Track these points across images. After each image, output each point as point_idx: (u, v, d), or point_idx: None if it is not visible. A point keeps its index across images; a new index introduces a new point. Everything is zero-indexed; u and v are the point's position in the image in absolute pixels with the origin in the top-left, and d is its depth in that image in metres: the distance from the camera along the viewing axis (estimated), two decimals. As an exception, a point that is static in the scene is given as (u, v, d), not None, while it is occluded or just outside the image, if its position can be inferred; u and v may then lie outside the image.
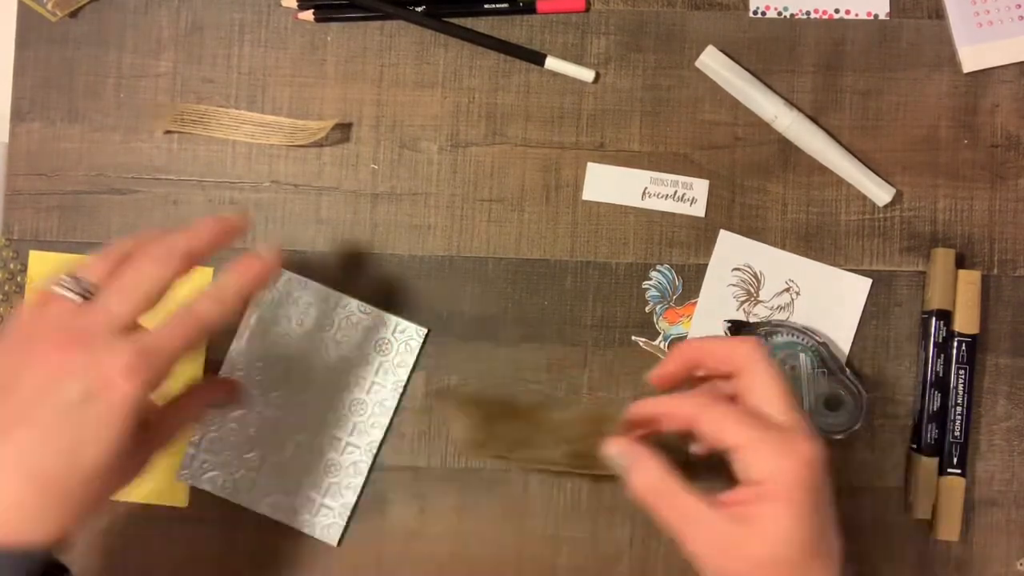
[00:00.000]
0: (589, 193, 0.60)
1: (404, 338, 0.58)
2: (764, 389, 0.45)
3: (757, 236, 0.60)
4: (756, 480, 0.43)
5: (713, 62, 0.60)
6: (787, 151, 0.60)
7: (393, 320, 0.58)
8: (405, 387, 0.58)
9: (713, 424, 0.44)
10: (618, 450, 0.47)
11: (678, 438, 0.48)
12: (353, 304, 0.58)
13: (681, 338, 0.60)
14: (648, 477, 0.45)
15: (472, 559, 0.58)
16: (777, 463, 0.42)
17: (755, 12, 0.61)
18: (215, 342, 0.59)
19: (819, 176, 0.60)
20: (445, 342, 0.59)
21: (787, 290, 0.60)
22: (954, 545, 0.59)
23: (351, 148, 0.61)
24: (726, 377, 0.47)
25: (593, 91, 0.61)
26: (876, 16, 0.61)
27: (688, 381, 0.50)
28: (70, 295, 0.42)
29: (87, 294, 0.43)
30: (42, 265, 0.60)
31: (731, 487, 0.44)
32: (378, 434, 0.58)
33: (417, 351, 0.58)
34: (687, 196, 0.60)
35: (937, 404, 0.58)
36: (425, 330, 0.59)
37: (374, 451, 0.58)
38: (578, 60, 0.61)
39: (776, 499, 0.42)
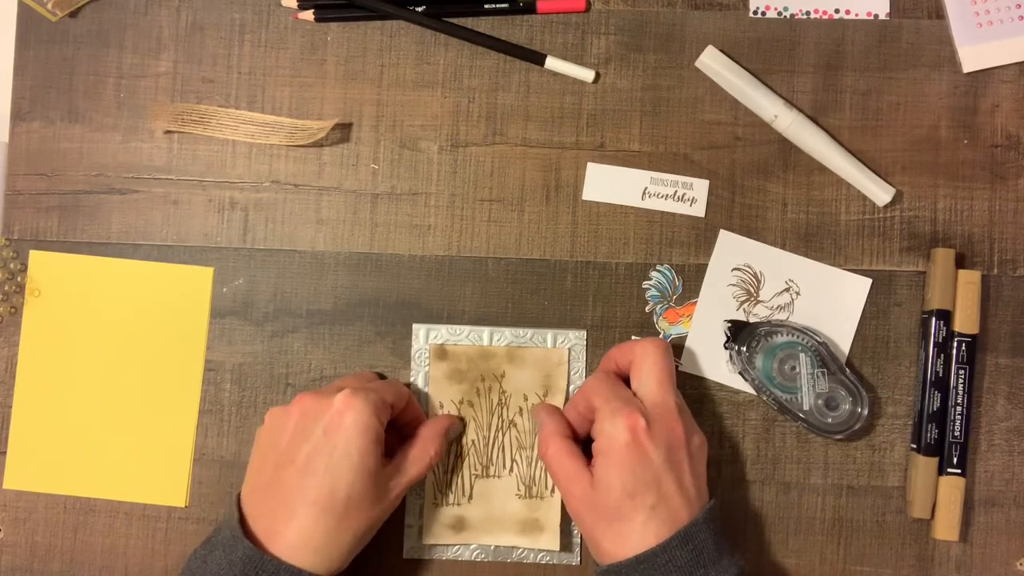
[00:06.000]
0: (589, 193, 0.60)
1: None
2: (644, 374, 0.54)
3: (757, 236, 0.60)
4: (595, 435, 0.52)
5: (713, 62, 0.60)
6: (787, 151, 0.60)
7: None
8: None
9: (587, 390, 0.54)
10: (534, 412, 0.58)
11: None
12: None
13: (681, 338, 0.60)
14: (545, 436, 0.54)
15: None
16: (607, 425, 0.51)
17: (755, 12, 0.61)
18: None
19: (819, 176, 0.60)
20: (445, 342, 0.59)
21: (787, 290, 0.60)
22: (954, 545, 0.59)
23: (351, 148, 0.61)
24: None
25: (593, 91, 0.61)
26: (876, 16, 0.61)
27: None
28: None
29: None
30: (42, 265, 0.60)
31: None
32: None
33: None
34: (687, 196, 0.60)
35: (937, 404, 0.58)
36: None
37: None
38: (578, 60, 0.61)
39: (603, 454, 0.51)
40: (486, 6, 0.60)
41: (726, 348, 0.59)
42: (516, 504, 0.58)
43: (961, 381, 0.58)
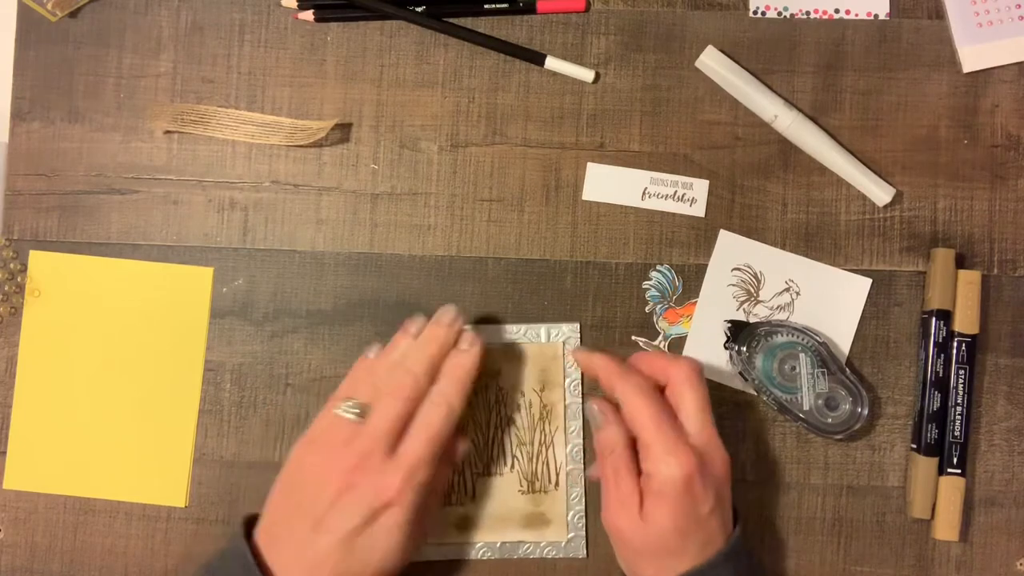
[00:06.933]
0: (589, 193, 0.60)
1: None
2: (686, 407, 0.52)
3: (757, 236, 0.60)
4: (648, 472, 0.51)
5: (713, 62, 0.60)
6: (787, 151, 0.60)
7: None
8: None
9: (632, 410, 0.52)
10: (596, 408, 0.55)
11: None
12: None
13: (681, 338, 0.60)
14: (609, 442, 0.53)
15: None
16: (663, 467, 0.50)
17: (755, 12, 0.61)
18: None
19: (819, 176, 0.60)
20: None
21: (787, 290, 0.60)
22: (954, 545, 0.59)
23: (351, 148, 0.61)
24: (661, 386, 0.54)
25: (593, 91, 0.61)
26: (876, 16, 0.61)
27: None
28: (350, 416, 0.51)
29: (361, 414, 0.52)
30: (42, 265, 0.60)
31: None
32: None
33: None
34: (687, 196, 0.60)
35: (937, 404, 0.58)
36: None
37: None
38: (578, 60, 0.61)
39: (657, 495, 0.50)
40: (486, 6, 0.60)
41: (726, 348, 0.59)
42: (519, 500, 0.58)
43: (961, 381, 0.58)
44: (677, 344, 0.60)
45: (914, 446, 0.59)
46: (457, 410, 0.53)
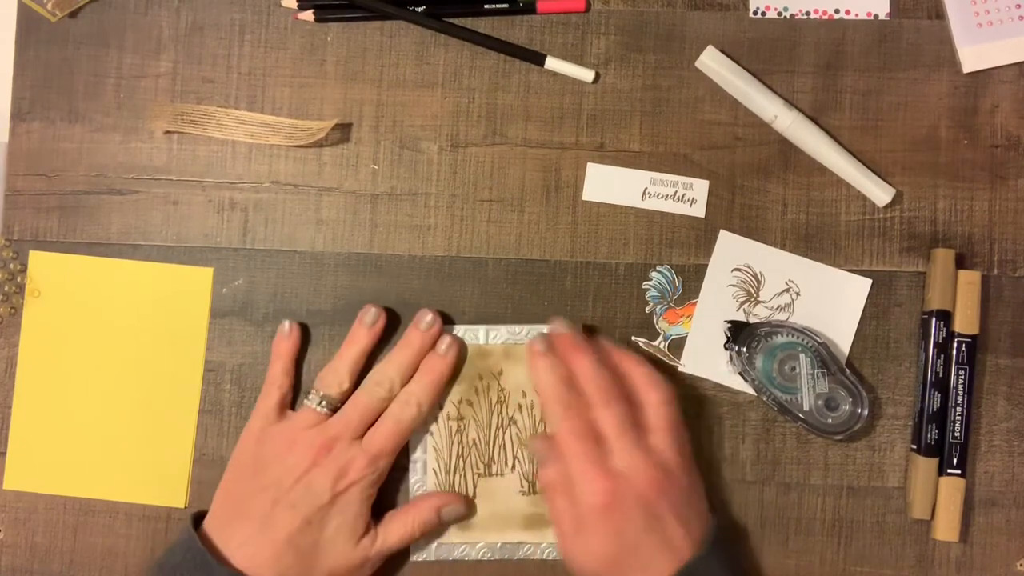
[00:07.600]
0: (589, 193, 0.60)
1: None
2: (602, 424, 0.53)
3: (757, 236, 0.60)
4: (575, 499, 0.52)
5: (713, 62, 0.60)
6: (787, 151, 0.60)
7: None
8: None
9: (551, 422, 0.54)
10: (539, 445, 0.54)
11: None
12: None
13: (681, 339, 0.60)
14: (550, 480, 0.53)
15: None
16: (579, 489, 0.51)
17: (755, 12, 0.61)
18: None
19: (819, 176, 0.60)
20: (445, 342, 0.59)
21: (787, 290, 0.60)
22: (954, 545, 0.59)
23: (351, 148, 0.61)
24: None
25: (593, 91, 0.61)
26: (876, 16, 0.61)
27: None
28: (319, 410, 0.55)
29: (330, 408, 0.55)
30: (42, 265, 0.60)
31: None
32: None
33: None
34: (687, 196, 0.60)
35: (937, 404, 0.58)
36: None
37: None
38: (578, 60, 0.61)
39: (585, 522, 0.51)
40: (486, 6, 0.60)
41: (726, 349, 0.59)
42: (521, 501, 0.58)
43: (961, 382, 0.58)
44: (677, 344, 0.60)
45: (914, 447, 0.59)
46: (426, 411, 0.56)
